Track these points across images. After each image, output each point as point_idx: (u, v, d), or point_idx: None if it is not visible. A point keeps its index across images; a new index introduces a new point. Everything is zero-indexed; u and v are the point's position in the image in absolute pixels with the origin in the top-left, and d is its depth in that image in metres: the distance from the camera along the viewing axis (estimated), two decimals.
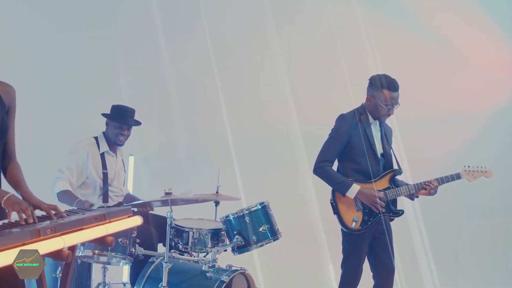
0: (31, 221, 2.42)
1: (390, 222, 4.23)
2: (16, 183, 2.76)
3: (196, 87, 6.52)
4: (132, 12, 6.47)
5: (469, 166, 4.24)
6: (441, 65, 6.41)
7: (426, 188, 4.14)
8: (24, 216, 2.41)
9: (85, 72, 6.14)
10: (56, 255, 2.33)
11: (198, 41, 6.44)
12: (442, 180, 4.16)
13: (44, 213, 2.59)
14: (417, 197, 4.26)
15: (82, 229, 2.46)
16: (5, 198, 2.48)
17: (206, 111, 6.52)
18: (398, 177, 4.27)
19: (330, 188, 4.18)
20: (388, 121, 4.36)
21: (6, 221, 2.40)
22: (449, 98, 6.35)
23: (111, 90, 6.14)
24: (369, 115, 4.19)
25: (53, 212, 2.54)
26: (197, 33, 6.43)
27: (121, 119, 4.78)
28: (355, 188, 4.05)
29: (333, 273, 4.38)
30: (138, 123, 4.91)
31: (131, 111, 4.86)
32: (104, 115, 4.84)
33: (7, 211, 2.46)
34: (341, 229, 4.17)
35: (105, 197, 4.67)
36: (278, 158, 6.37)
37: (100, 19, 6.28)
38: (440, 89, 6.39)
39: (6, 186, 2.75)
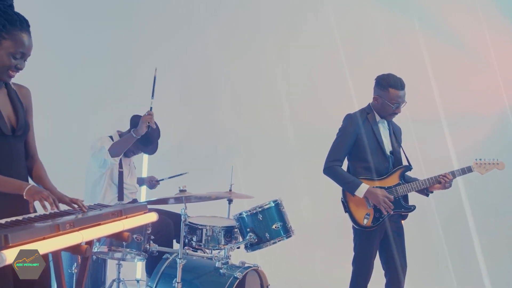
0: (54, 208, 2.46)
1: (402, 220, 4.26)
2: (39, 178, 2.80)
3: (212, 86, 6.57)
4: (150, 12, 6.52)
5: (480, 159, 4.24)
6: (455, 65, 6.41)
7: (441, 181, 4.15)
8: (46, 204, 2.45)
9: (103, 71, 6.19)
10: (74, 249, 2.39)
11: (215, 41, 6.49)
12: (453, 174, 4.18)
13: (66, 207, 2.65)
14: (432, 192, 4.26)
15: (99, 224, 2.51)
16: (26, 189, 2.49)
17: (221, 110, 6.57)
18: (409, 174, 4.29)
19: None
20: (403, 121, 4.38)
21: (26, 216, 2.45)
22: (463, 98, 6.35)
23: (129, 88, 6.20)
24: (376, 114, 4.22)
25: (76, 206, 2.60)
26: (213, 33, 6.49)
27: (148, 150, 4.89)
28: (363, 188, 4.07)
29: (344, 271, 4.39)
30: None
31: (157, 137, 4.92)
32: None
33: (29, 201, 2.47)
34: (353, 226, 4.19)
35: (120, 195, 4.73)
36: (291, 157, 6.41)
37: (118, 19, 6.34)
38: (454, 89, 6.40)
39: None
